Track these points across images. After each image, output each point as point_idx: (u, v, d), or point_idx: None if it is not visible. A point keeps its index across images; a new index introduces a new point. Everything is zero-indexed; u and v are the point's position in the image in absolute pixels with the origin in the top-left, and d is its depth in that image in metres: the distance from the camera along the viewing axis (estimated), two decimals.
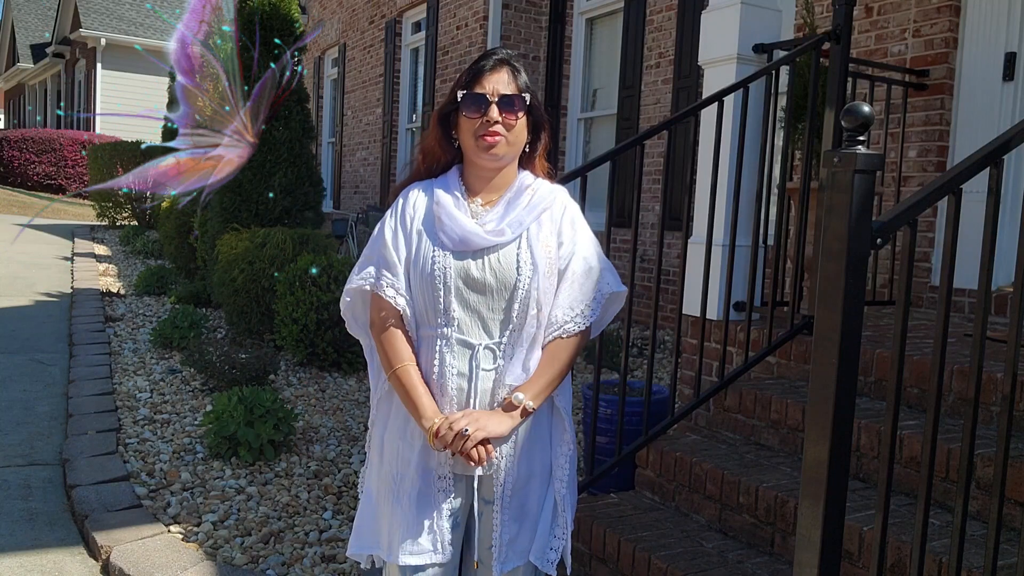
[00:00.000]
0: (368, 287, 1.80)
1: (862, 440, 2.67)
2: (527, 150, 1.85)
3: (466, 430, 1.68)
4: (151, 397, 4.75)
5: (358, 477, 3.65)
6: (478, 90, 1.76)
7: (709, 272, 3.17)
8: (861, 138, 1.57)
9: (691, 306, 3.39)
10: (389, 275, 1.77)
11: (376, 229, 1.86)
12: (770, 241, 3.65)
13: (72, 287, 8.12)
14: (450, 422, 1.69)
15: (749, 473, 2.76)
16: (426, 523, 1.77)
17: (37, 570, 2.95)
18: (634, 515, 2.90)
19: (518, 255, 1.76)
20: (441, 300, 1.74)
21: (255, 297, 5.66)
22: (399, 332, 1.78)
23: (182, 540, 3.10)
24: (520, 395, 1.74)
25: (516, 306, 1.74)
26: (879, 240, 1.57)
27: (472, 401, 1.76)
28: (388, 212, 1.86)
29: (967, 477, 1.69)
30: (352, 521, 3.29)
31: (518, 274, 1.75)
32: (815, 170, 3.33)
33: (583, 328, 1.79)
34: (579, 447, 3.55)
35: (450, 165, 1.87)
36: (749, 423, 3.16)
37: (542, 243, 1.78)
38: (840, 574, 1.61)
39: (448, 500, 1.78)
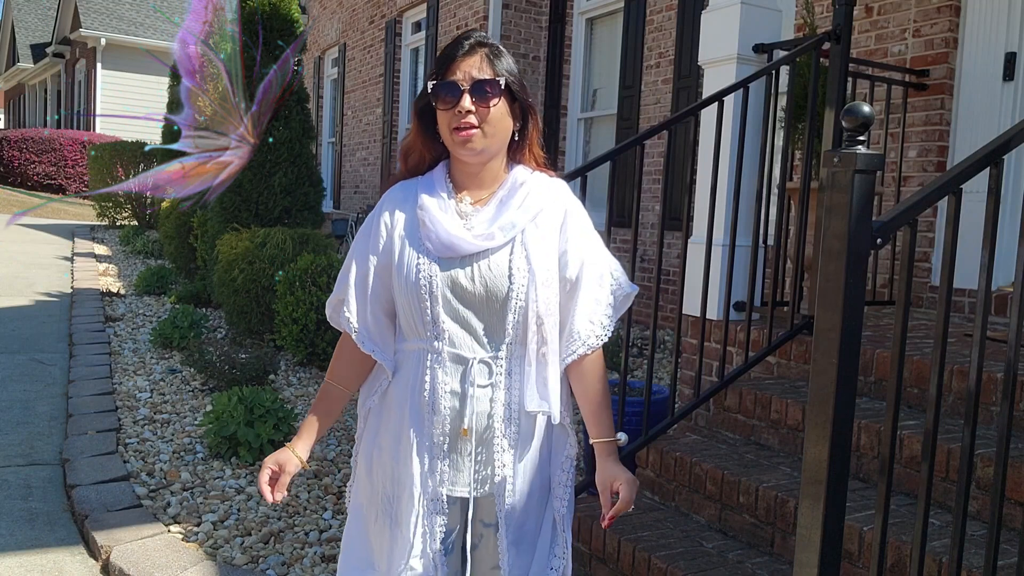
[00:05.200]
0: (335, 306, 1.78)
1: (862, 440, 2.67)
2: (516, 138, 1.68)
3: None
4: (151, 397, 4.75)
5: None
6: (450, 77, 1.60)
7: (709, 272, 3.17)
8: (861, 138, 1.57)
9: (691, 306, 3.39)
10: (344, 304, 1.74)
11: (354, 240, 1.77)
12: (770, 241, 3.66)
13: (72, 287, 8.12)
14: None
15: (749, 473, 2.76)
16: (420, 547, 1.65)
17: (37, 570, 2.95)
18: (634, 515, 2.90)
19: (511, 261, 1.60)
20: (429, 311, 1.61)
21: (255, 297, 5.66)
22: (347, 347, 1.74)
23: (182, 540, 3.10)
24: (623, 435, 1.68)
25: (511, 317, 1.60)
26: (879, 240, 1.57)
27: (466, 421, 1.62)
28: (367, 219, 1.74)
29: (967, 477, 1.69)
30: None
31: (510, 283, 1.59)
32: (815, 170, 3.33)
33: (607, 339, 1.67)
34: (579, 448, 3.54)
35: (436, 162, 1.72)
36: (749, 423, 3.16)
37: (540, 248, 1.62)
38: (840, 574, 1.61)
39: (442, 523, 1.66)
